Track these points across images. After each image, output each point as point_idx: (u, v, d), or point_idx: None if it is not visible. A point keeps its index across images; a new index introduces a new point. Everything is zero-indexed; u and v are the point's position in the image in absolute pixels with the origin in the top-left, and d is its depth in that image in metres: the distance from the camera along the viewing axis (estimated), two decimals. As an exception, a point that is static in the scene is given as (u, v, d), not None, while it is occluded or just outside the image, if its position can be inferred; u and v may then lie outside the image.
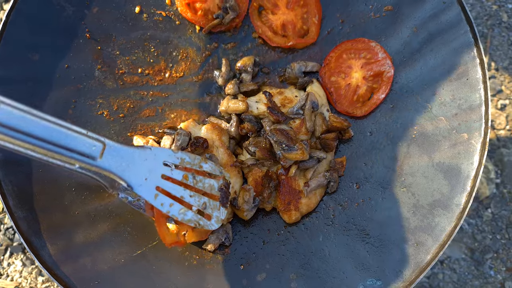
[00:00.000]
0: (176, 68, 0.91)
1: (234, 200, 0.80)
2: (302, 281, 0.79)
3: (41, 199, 0.78)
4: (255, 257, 0.82)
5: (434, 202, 0.79)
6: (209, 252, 0.82)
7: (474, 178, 0.77)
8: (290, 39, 0.88)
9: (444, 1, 0.82)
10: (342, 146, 0.89)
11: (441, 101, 0.83)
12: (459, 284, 1.19)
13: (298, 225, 0.84)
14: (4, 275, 1.21)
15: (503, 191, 1.25)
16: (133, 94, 0.89)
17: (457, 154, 0.79)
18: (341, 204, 0.84)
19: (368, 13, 0.89)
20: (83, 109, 0.86)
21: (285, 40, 0.88)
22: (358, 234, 0.81)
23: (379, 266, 0.77)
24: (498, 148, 1.27)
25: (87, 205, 0.81)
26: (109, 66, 0.88)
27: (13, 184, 0.77)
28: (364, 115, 0.88)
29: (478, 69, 0.79)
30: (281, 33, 0.89)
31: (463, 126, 0.80)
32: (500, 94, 1.32)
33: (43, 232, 0.76)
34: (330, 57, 0.89)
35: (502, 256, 1.21)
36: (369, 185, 0.84)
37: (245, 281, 0.79)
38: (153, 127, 0.89)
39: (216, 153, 0.81)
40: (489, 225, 1.23)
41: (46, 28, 0.84)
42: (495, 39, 1.38)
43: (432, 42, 0.84)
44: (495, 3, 1.42)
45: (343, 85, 0.89)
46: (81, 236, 0.78)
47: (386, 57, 0.87)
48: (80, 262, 0.76)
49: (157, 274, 0.78)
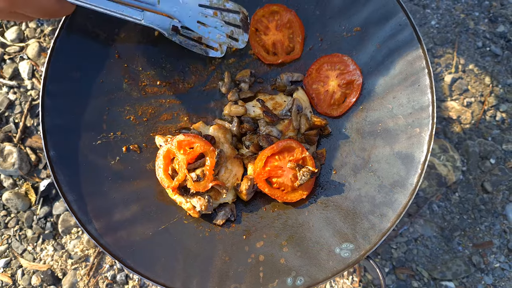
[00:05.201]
0: (187, 80, 0.98)
1: (237, 186, 0.90)
2: (292, 246, 0.86)
3: (87, 186, 0.86)
4: (255, 229, 0.90)
5: (394, 183, 0.86)
6: (218, 226, 0.91)
7: (423, 162, 0.84)
8: (280, 57, 0.96)
9: (400, 24, 0.89)
10: (323, 140, 0.96)
11: (399, 103, 0.89)
12: (431, 258, 1.25)
13: (287, 204, 0.92)
14: (37, 259, 1.27)
15: (469, 178, 1.31)
16: (153, 102, 0.97)
17: (411, 145, 0.86)
18: (322, 186, 0.93)
19: (341, 33, 0.95)
20: (114, 114, 0.93)
21: (276, 58, 0.96)
22: (335, 209, 0.89)
23: (351, 233, 0.85)
24: (464, 140, 1.33)
25: (121, 191, 0.89)
26: (134, 80, 0.96)
27: (65, 174, 0.85)
28: (339, 115, 0.95)
29: (427, 77, 0.86)
30: (272, 51, 0.97)
31: (416, 122, 0.87)
32: (467, 93, 1.38)
33: (89, 212, 0.84)
34: (311, 69, 0.96)
35: (469, 233, 1.27)
36: (344, 170, 0.92)
37: (247, 248, 0.88)
38: (170, 128, 0.97)
39: (222, 147, 0.91)
40: (457, 207, 1.29)
41: (85, 51, 0.90)
42: (463, 44, 1.42)
43: (392, 56, 0.90)
44: (463, 12, 1.45)
45: (322, 91, 0.96)
46: (118, 214, 0.87)
47: (356, 68, 0.94)
48: (118, 234, 0.85)
49: (177, 243, 0.87)
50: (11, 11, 0.72)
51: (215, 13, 0.85)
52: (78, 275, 1.25)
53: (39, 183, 1.32)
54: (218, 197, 0.90)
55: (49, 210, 1.30)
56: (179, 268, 0.85)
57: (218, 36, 0.85)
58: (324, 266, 0.84)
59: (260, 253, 0.87)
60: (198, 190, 0.86)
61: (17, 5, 0.71)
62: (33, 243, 1.29)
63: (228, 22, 0.87)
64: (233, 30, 0.87)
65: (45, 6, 0.74)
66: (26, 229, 1.30)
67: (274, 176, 0.90)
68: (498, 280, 1.24)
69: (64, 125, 0.88)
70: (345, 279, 1.26)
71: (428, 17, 1.47)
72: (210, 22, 0.85)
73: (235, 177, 0.92)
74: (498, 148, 1.34)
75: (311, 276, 0.84)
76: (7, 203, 1.30)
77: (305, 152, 0.88)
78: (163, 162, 0.88)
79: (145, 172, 0.93)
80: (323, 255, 0.85)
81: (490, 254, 1.26)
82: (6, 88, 1.40)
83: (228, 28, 0.86)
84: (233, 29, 0.87)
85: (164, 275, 0.84)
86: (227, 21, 0.87)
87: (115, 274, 1.26)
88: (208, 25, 0.84)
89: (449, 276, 1.23)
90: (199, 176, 0.86)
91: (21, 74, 1.41)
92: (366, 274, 1.26)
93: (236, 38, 0.87)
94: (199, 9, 0.84)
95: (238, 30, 0.87)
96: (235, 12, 0.87)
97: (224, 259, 0.87)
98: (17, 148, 1.31)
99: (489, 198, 1.30)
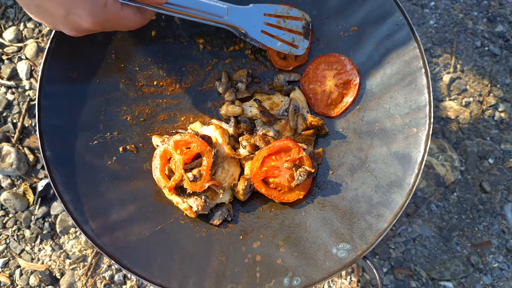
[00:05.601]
0: (184, 80, 0.98)
1: (234, 186, 0.90)
2: (288, 247, 0.86)
3: (83, 187, 0.86)
4: (252, 229, 0.90)
5: (391, 183, 0.86)
6: (215, 226, 0.91)
7: (420, 162, 0.83)
8: (290, 64, 0.97)
9: (397, 24, 0.89)
10: (320, 140, 0.96)
11: (396, 103, 0.89)
12: (430, 258, 1.24)
13: (284, 204, 0.92)
14: (36, 259, 1.26)
15: (467, 177, 1.30)
16: (150, 102, 0.97)
17: (408, 145, 0.86)
18: (319, 186, 0.93)
19: (338, 33, 0.95)
20: (111, 114, 0.93)
21: (286, 63, 0.96)
22: (332, 209, 0.89)
23: (348, 233, 0.85)
24: (463, 140, 1.33)
25: (118, 191, 0.89)
26: (130, 80, 0.96)
27: (61, 175, 0.84)
28: (336, 115, 0.95)
29: (424, 77, 0.85)
30: (281, 56, 0.98)
31: (413, 122, 0.86)
32: (465, 92, 1.37)
33: (86, 212, 0.84)
34: (308, 69, 0.96)
35: (467, 233, 1.26)
36: (341, 170, 0.92)
37: (244, 248, 0.88)
38: (167, 128, 0.97)
39: (218, 147, 0.90)
40: (455, 206, 1.28)
41: (82, 52, 0.90)
42: (461, 44, 1.41)
43: (389, 56, 0.90)
44: (462, 11, 1.44)
45: (319, 91, 0.96)
46: (115, 215, 0.86)
47: (353, 68, 0.93)
48: (115, 235, 0.85)
49: (174, 243, 0.87)
50: (100, 30, 0.76)
51: (278, 21, 0.89)
52: (76, 275, 1.26)
53: (37, 183, 1.32)
54: (215, 197, 0.90)
55: (47, 210, 1.31)
56: (176, 268, 0.85)
57: (279, 45, 0.88)
58: (321, 266, 0.84)
59: (257, 253, 0.88)
60: (194, 190, 0.86)
61: (106, 29, 0.75)
62: (31, 243, 1.29)
63: (290, 29, 0.89)
64: (294, 37, 0.89)
65: (130, 24, 0.77)
66: (24, 229, 1.30)
67: (271, 176, 0.90)
68: (497, 280, 1.24)
69: (61, 125, 0.88)
70: (343, 279, 1.26)
71: (427, 17, 1.47)
72: (273, 31, 0.88)
73: (232, 177, 0.92)
74: (497, 148, 1.33)
75: (308, 277, 0.84)
76: (5, 203, 1.30)
77: (302, 152, 0.88)
78: (159, 162, 0.88)
79: (142, 172, 0.93)
80: (319, 256, 0.85)
81: (488, 254, 1.26)
82: (4, 88, 1.40)
83: (290, 36, 0.89)
84: (294, 36, 0.89)
85: (161, 275, 0.84)
86: (289, 28, 0.89)
87: (113, 274, 1.26)
88: (271, 34, 0.88)
89: (447, 276, 1.23)
90: (196, 176, 0.86)
91: (19, 74, 1.42)
92: (364, 274, 1.26)
93: (296, 45, 0.90)
94: (264, 18, 0.88)
95: (299, 37, 0.90)
96: (297, 19, 0.90)
97: (221, 259, 0.87)
98: (15, 148, 1.32)
99: (488, 198, 1.30)
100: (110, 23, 0.74)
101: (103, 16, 0.72)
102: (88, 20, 0.71)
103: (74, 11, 0.69)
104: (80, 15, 0.70)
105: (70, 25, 0.73)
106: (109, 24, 0.75)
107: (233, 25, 0.85)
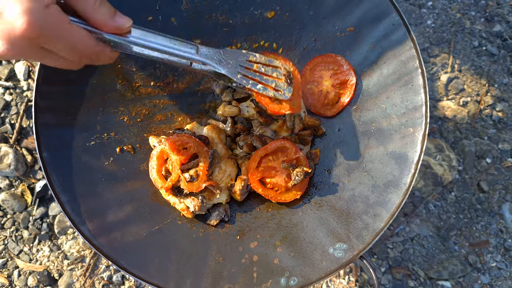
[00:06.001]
0: (181, 80, 0.98)
1: (231, 186, 0.90)
2: (285, 247, 0.86)
3: (80, 187, 0.86)
4: (249, 229, 0.91)
5: (388, 182, 0.86)
6: (212, 226, 0.91)
7: (417, 162, 0.83)
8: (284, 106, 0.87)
9: (394, 24, 0.88)
10: (317, 140, 0.97)
11: (393, 103, 0.89)
12: (428, 257, 1.24)
13: (281, 204, 0.92)
14: (34, 260, 1.26)
15: (465, 177, 1.30)
16: (147, 102, 0.97)
17: (405, 144, 0.86)
18: (316, 186, 0.93)
19: (335, 33, 0.95)
20: (108, 115, 0.93)
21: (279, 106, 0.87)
22: (329, 209, 0.89)
23: (345, 233, 0.85)
24: (460, 139, 1.33)
25: (115, 192, 0.89)
26: (127, 81, 0.95)
27: (58, 175, 0.84)
28: (333, 115, 0.95)
29: (420, 77, 0.85)
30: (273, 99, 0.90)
31: (409, 122, 0.86)
32: (463, 92, 1.37)
33: (82, 213, 0.84)
34: (305, 69, 0.97)
35: (465, 233, 1.26)
36: (338, 170, 0.92)
37: (241, 248, 0.88)
38: (164, 129, 0.97)
39: (216, 148, 0.91)
40: (453, 206, 1.28)
41: None
42: (459, 44, 1.41)
43: (385, 56, 0.90)
44: (459, 11, 1.45)
45: (316, 91, 0.96)
46: (112, 215, 0.86)
47: (350, 68, 0.93)
48: (112, 235, 0.85)
49: (171, 244, 0.87)
50: (39, 45, 0.61)
51: (256, 66, 0.85)
52: (74, 275, 1.26)
53: (35, 184, 1.32)
54: (212, 198, 0.90)
55: (45, 211, 1.31)
56: (173, 269, 0.85)
57: (259, 87, 0.84)
58: (318, 266, 0.84)
59: (254, 254, 0.88)
60: (191, 191, 0.86)
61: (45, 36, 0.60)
62: (29, 244, 1.29)
63: (270, 75, 0.85)
64: (276, 83, 0.85)
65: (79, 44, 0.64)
66: (22, 230, 1.30)
67: (268, 176, 0.90)
68: (495, 279, 1.24)
69: (58, 126, 0.88)
70: (342, 279, 1.26)
71: (424, 17, 1.47)
72: (252, 75, 0.84)
73: (229, 177, 0.92)
74: (494, 148, 1.33)
75: (305, 276, 0.84)
76: (3, 204, 1.30)
77: (298, 152, 0.88)
78: (156, 163, 0.88)
79: (139, 172, 0.93)
80: (316, 255, 0.85)
81: (486, 253, 1.26)
82: (2, 89, 1.40)
83: (272, 81, 0.85)
84: (275, 82, 0.85)
85: (158, 276, 0.84)
86: (269, 74, 0.85)
87: (111, 275, 1.27)
88: (250, 76, 0.83)
89: (445, 275, 1.23)
90: (193, 176, 0.86)
91: (17, 75, 1.42)
92: (363, 274, 1.26)
93: (279, 90, 0.85)
94: (240, 62, 0.83)
95: (281, 83, 0.86)
96: (277, 67, 0.87)
97: (218, 260, 0.87)
98: (13, 149, 1.32)
99: (485, 197, 1.30)
100: (50, 31, 0.60)
101: (42, 18, 0.58)
102: (22, 20, 0.56)
103: (9, 10, 0.57)
104: (15, 14, 0.56)
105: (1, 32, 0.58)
106: (48, 32, 0.60)
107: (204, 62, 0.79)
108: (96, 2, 0.65)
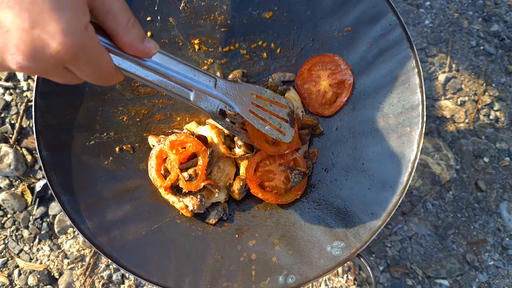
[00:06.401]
0: None
1: (230, 185, 0.91)
2: (283, 245, 0.87)
3: (80, 187, 0.86)
4: (247, 228, 0.91)
5: (385, 181, 0.87)
6: (211, 225, 0.91)
7: (414, 161, 0.84)
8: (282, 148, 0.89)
9: (390, 24, 0.89)
10: (314, 140, 0.97)
11: (390, 102, 0.90)
12: (426, 256, 1.25)
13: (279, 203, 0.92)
14: (34, 259, 1.27)
15: (462, 176, 1.31)
16: (146, 102, 0.97)
17: (402, 143, 0.87)
18: (314, 185, 0.93)
19: (332, 33, 0.95)
20: (108, 115, 0.93)
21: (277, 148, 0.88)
22: (327, 207, 0.90)
23: (343, 232, 0.86)
24: (458, 139, 1.33)
25: (114, 191, 0.89)
26: (126, 80, 0.95)
27: (58, 175, 0.85)
28: (331, 114, 0.96)
29: (416, 77, 0.86)
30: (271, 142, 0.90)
31: (406, 121, 0.87)
32: (460, 91, 1.37)
33: (82, 211, 0.84)
34: (303, 69, 0.97)
35: (463, 232, 1.27)
36: (336, 169, 0.92)
37: (239, 246, 0.88)
38: (163, 128, 0.98)
39: (214, 147, 0.91)
40: (451, 205, 1.28)
41: None
42: (456, 44, 1.41)
43: (382, 55, 0.90)
44: (457, 11, 1.45)
45: (314, 91, 0.97)
46: (111, 214, 0.87)
47: (347, 68, 0.94)
48: (111, 234, 0.85)
49: (170, 242, 0.88)
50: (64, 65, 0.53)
51: (265, 104, 0.83)
52: (74, 275, 1.26)
53: (35, 183, 1.33)
54: (211, 197, 0.90)
55: (45, 210, 1.31)
56: (172, 267, 0.86)
57: (267, 128, 0.82)
58: (315, 264, 0.85)
59: (252, 252, 0.88)
60: (190, 190, 0.87)
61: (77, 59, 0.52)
62: (29, 243, 1.30)
63: (277, 114, 0.84)
64: (280, 123, 0.84)
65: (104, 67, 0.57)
66: (22, 229, 1.30)
67: (266, 180, 0.90)
68: (493, 278, 1.24)
69: (57, 125, 0.88)
70: (340, 278, 1.27)
71: (422, 17, 1.48)
72: (261, 113, 0.82)
73: (227, 176, 0.93)
74: (492, 147, 1.34)
75: (302, 274, 0.84)
76: (3, 204, 1.31)
77: (295, 153, 0.89)
78: (155, 162, 0.89)
79: (138, 172, 0.94)
80: (314, 254, 0.86)
81: (484, 252, 1.26)
82: (2, 89, 1.41)
83: (277, 121, 0.84)
84: (280, 122, 0.84)
85: (157, 274, 0.84)
86: (276, 113, 0.84)
87: (111, 274, 1.27)
88: (259, 115, 0.81)
89: (443, 274, 1.23)
90: (191, 175, 0.86)
91: (17, 75, 1.42)
92: (361, 273, 1.27)
93: (283, 132, 0.84)
94: (251, 98, 0.81)
95: (285, 124, 0.85)
96: (283, 106, 0.86)
97: (217, 258, 0.88)
98: (13, 149, 1.32)
99: (483, 196, 1.30)
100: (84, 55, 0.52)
101: (81, 41, 0.50)
102: (60, 40, 0.49)
103: (44, 25, 0.48)
104: (51, 31, 0.48)
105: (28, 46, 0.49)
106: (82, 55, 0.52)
107: (220, 98, 0.76)
108: (129, 22, 0.58)
